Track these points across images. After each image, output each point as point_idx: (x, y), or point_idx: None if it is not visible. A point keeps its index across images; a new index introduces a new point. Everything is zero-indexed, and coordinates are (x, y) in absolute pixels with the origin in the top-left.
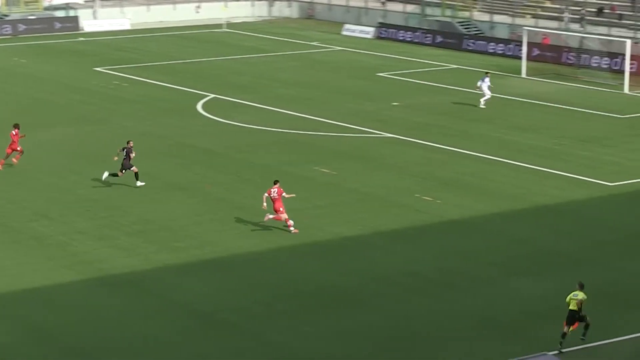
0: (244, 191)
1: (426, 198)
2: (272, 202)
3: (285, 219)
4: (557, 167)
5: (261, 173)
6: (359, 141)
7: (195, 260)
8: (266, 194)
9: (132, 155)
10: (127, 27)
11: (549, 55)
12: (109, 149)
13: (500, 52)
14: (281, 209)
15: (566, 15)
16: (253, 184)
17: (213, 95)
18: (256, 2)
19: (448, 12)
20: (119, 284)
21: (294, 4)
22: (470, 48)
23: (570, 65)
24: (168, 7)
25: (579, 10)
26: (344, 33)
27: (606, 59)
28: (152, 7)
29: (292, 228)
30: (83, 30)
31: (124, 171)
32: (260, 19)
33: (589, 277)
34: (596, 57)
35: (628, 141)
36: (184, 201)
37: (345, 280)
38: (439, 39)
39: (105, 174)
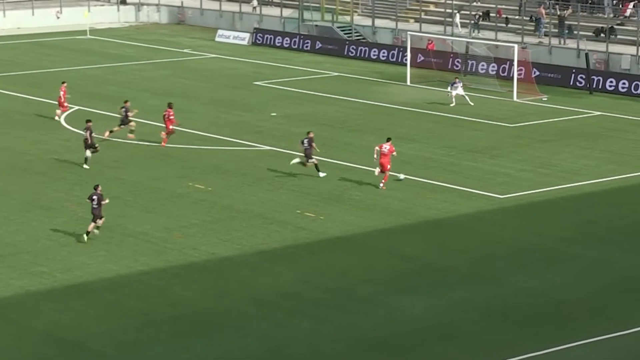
0: (112, 210)
1: (308, 214)
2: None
3: (384, 178)
4: (445, 180)
5: (131, 190)
6: (235, 154)
7: (60, 285)
8: (377, 147)
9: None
10: None
11: (434, 61)
12: None
13: (383, 58)
14: (388, 167)
15: (457, 19)
16: (122, 202)
17: (77, 107)
18: (122, 7)
19: (327, 16)
20: None
21: (163, 8)
22: (352, 54)
23: (456, 71)
24: (26, 13)
25: (467, 14)
26: (218, 39)
27: (493, 65)
28: (7, 12)
29: (382, 186)
30: None
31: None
32: (127, 24)
33: (478, 293)
34: (483, 63)
35: (517, 151)
36: (47, 222)
37: (223, 303)
38: (318, 45)
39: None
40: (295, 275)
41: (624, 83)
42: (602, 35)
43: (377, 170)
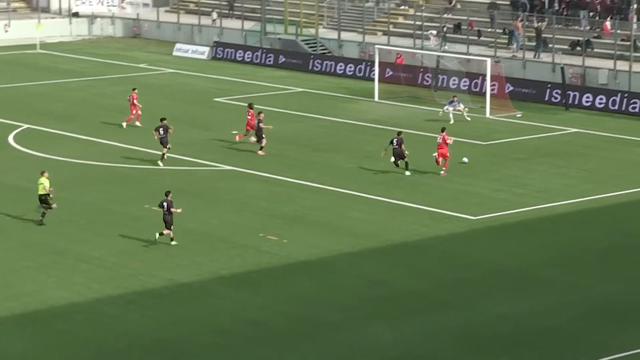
0: (65, 234)
1: (271, 237)
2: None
3: (445, 165)
4: (416, 200)
5: (85, 212)
6: (194, 175)
7: (9, 314)
8: (439, 139)
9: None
10: None
11: (403, 75)
12: None
13: (350, 73)
14: (447, 155)
15: (431, 32)
16: (75, 225)
17: (27, 126)
18: (74, 19)
19: (291, 29)
20: None
21: (118, 21)
22: (317, 69)
23: (426, 86)
24: None
25: (437, 27)
26: (176, 53)
27: (465, 79)
28: None
29: (443, 173)
30: None
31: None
32: (80, 38)
33: (449, 319)
34: (454, 78)
35: (491, 170)
36: None
37: (181, 332)
38: (282, 59)
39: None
40: (258, 302)
41: (601, 98)
42: (578, 48)
43: (436, 156)
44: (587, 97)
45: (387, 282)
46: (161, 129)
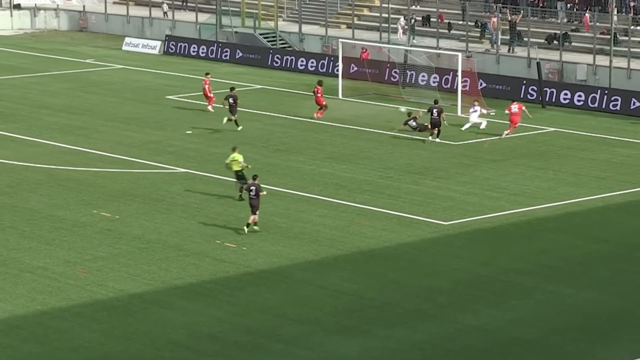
0: (6, 242)
1: (228, 244)
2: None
3: (510, 128)
4: (383, 205)
5: (27, 219)
6: (145, 178)
7: None
8: (507, 110)
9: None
10: None
11: (369, 71)
12: None
13: (312, 68)
14: (518, 122)
15: (400, 24)
16: (18, 232)
17: None
18: (16, 11)
19: (249, 22)
20: None
21: (63, 13)
22: (277, 64)
23: (394, 83)
24: None
25: (406, 19)
26: (125, 48)
27: (435, 75)
28: None
29: (507, 132)
30: None
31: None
32: (22, 31)
33: (418, 332)
34: (424, 73)
35: (462, 172)
36: None
37: (132, 346)
38: (239, 54)
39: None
40: (214, 314)
41: (579, 95)
42: (555, 42)
43: (505, 133)
44: (565, 94)
45: (352, 292)
46: (231, 98)
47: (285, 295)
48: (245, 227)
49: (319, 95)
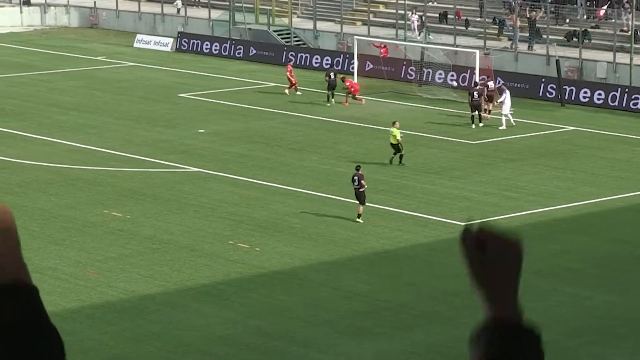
0: None
1: (241, 245)
2: None
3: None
4: (398, 205)
5: (37, 219)
6: (157, 177)
7: None
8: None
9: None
10: None
11: (385, 69)
12: None
13: (327, 66)
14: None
15: (414, 20)
16: (27, 232)
17: None
18: (25, 8)
19: (263, 19)
20: None
21: (73, 10)
22: (292, 62)
23: (410, 81)
24: None
25: (422, 16)
26: (137, 45)
27: (452, 73)
28: None
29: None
30: None
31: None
32: (32, 28)
33: (434, 334)
34: (440, 71)
35: (479, 172)
36: None
37: (143, 349)
38: (252, 51)
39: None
40: (226, 316)
41: (599, 94)
42: (575, 39)
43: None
44: (585, 92)
45: (367, 293)
46: (332, 73)
47: (299, 297)
48: (358, 219)
49: (349, 84)
